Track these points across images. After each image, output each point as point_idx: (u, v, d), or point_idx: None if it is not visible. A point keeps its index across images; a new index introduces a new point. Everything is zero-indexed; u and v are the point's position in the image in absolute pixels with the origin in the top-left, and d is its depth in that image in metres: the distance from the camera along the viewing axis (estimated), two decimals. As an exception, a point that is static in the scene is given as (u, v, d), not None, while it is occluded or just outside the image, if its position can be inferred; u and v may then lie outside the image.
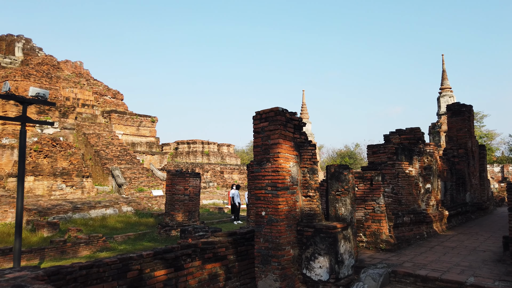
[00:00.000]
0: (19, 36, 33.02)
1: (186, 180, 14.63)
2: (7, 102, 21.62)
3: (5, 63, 30.81)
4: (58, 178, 19.66)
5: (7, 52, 32.11)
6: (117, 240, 13.31)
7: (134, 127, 31.50)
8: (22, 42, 32.27)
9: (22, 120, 7.14)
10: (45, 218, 15.66)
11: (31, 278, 3.94)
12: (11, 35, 33.09)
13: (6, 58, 30.65)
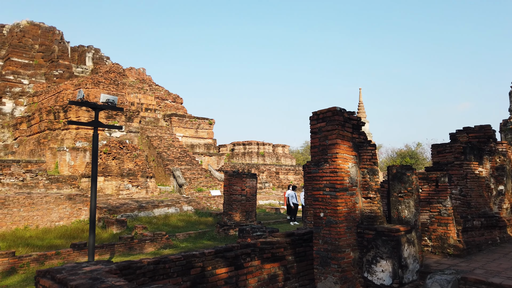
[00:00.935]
0: (89, 47, 35.67)
1: (243, 180, 14.88)
2: (80, 108, 23.49)
3: (77, 72, 33.48)
4: (125, 178, 20.97)
5: (79, 62, 34.86)
6: (179, 238, 13.89)
7: (192, 130, 32.68)
8: (92, 52, 34.83)
9: (95, 125, 7.72)
10: (114, 216, 16.78)
11: (105, 272, 4.25)
12: (82, 46, 35.87)
13: (79, 67, 33.28)
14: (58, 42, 34.00)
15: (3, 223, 14.95)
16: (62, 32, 35.04)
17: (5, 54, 32.50)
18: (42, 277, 4.42)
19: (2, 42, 33.37)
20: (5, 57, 32.09)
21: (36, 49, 33.60)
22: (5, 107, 30.18)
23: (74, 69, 33.89)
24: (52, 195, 16.88)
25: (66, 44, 34.67)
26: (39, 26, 34.42)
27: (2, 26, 34.04)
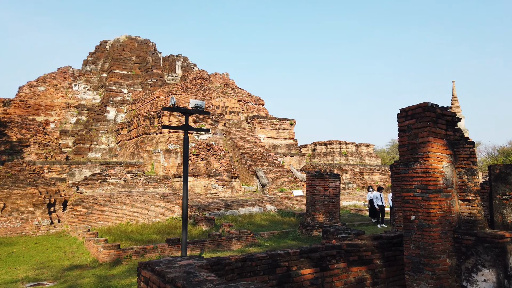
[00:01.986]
0: (178, 56, 38.26)
1: (326, 181, 14.66)
2: (171, 113, 25.32)
3: (168, 80, 36.13)
4: (212, 178, 22.06)
5: (169, 70, 37.60)
6: (263, 237, 14.19)
7: (274, 130, 33.14)
8: (180, 60, 37.32)
9: (185, 128, 8.28)
10: (203, 213, 17.76)
11: (198, 266, 4.53)
12: (172, 55, 38.60)
13: (169, 75, 35.90)
14: (151, 53, 37.12)
15: (109, 218, 16.77)
16: (155, 44, 38.18)
17: (108, 67, 36.45)
18: (143, 269, 4.87)
19: (106, 57, 37.47)
20: (108, 70, 35.98)
21: (133, 60, 37.10)
22: (109, 115, 33.83)
23: (165, 77, 36.69)
24: (149, 193, 18.47)
25: (159, 55, 37.69)
26: (135, 39, 37.95)
27: (105, 42, 38.24)
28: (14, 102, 30.58)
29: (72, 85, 34.39)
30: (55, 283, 8.49)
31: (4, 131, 21.67)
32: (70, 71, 34.79)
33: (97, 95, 35.39)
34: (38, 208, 15.61)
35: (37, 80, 32.93)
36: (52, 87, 33.16)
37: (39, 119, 30.47)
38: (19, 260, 10.77)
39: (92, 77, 36.08)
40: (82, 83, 35.06)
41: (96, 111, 33.16)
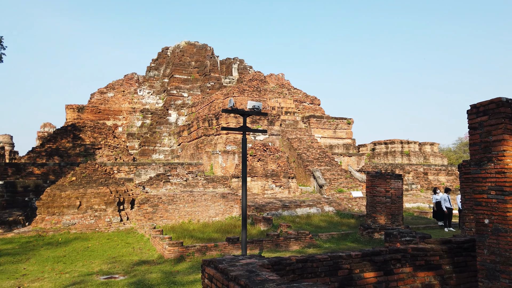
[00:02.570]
0: (235, 59, 39.06)
1: (387, 181, 14.12)
2: (229, 115, 25.91)
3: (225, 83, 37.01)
4: (269, 178, 22.22)
5: (226, 73, 38.51)
6: (322, 238, 14.01)
7: (331, 130, 32.57)
8: (237, 63, 38.07)
9: (243, 130, 8.46)
10: (261, 213, 17.95)
11: (259, 266, 4.61)
12: (229, 58, 39.50)
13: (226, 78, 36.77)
14: (209, 57, 38.31)
15: (172, 216, 17.58)
16: (212, 48, 39.36)
17: (169, 72, 38.23)
18: (207, 266, 5.06)
19: (167, 62, 39.32)
20: (169, 75, 37.73)
21: (192, 65, 38.55)
22: (170, 118, 35.46)
23: (223, 80, 37.66)
24: (209, 193, 19.07)
25: (216, 58, 38.79)
26: (194, 45, 39.41)
27: (167, 48, 40.14)
28: (87, 108, 33.21)
29: (137, 90, 36.55)
30: (126, 277, 9.08)
31: (79, 135, 23.63)
32: (135, 78, 37.02)
33: (159, 100, 37.27)
34: (109, 206, 16.79)
35: (106, 87, 35.46)
36: (120, 93, 35.50)
37: (108, 123, 32.79)
38: (93, 254, 11.66)
39: (155, 83, 38.05)
40: (146, 89, 37.12)
41: (159, 115, 34.91)
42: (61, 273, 9.41)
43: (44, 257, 11.28)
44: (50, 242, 13.70)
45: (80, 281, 8.66)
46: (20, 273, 9.48)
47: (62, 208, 16.20)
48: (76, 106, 32.76)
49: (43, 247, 12.80)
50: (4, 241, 14.01)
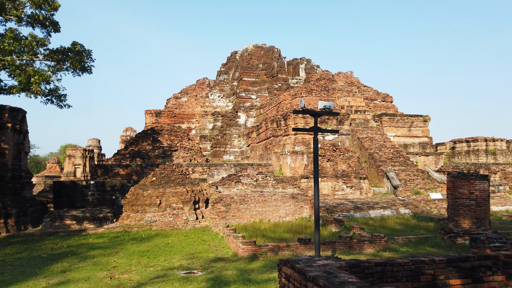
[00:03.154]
0: (302, 59, 38.92)
1: (471, 183, 13.07)
2: (297, 116, 25.91)
3: (293, 83, 37.04)
4: (339, 179, 21.79)
5: (293, 74, 38.52)
6: (398, 242, 13.41)
7: (405, 128, 30.97)
8: (304, 63, 37.90)
9: (315, 130, 8.44)
10: (332, 215, 17.69)
11: (336, 267, 4.59)
12: (296, 59, 39.47)
13: (294, 79, 36.78)
14: (276, 59, 38.64)
15: (244, 216, 18.05)
16: (279, 50, 39.67)
17: (238, 75, 39.28)
18: (284, 265, 5.16)
19: (236, 66, 40.44)
20: (238, 78, 38.76)
21: (260, 67, 39.20)
22: (240, 120, 36.41)
23: (290, 81, 37.76)
24: (278, 193, 19.25)
25: (283, 60, 39.01)
26: (261, 47, 40.05)
27: (235, 52, 41.31)
28: (163, 112, 35.42)
29: (208, 94, 38.13)
30: (204, 272, 9.56)
31: (158, 138, 25.31)
32: (206, 82, 38.65)
33: (229, 102, 38.46)
34: (186, 205, 17.75)
35: (181, 92, 37.50)
36: (193, 97, 37.32)
37: (183, 127, 34.64)
38: (173, 250, 12.42)
39: (224, 86, 39.37)
40: (217, 92, 38.55)
41: (229, 117, 36.04)
42: (146, 266, 10.18)
43: (130, 251, 12.29)
44: (135, 237, 14.87)
45: (163, 274, 9.30)
46: (111, 265, 10.44)
47: (144, 206, 17.49)
48: (154, 111, 35.13)
49: (129, 242, 13.94)
50: (96, 235, 15.52)
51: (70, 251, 12.44)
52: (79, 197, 20.21)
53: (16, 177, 17.28)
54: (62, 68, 18.21)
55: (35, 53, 17.37)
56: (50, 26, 16.25)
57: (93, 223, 17.09)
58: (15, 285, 8.51)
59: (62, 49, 17.10)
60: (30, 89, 16.57)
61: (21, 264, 10.65)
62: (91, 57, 18.26)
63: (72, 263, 10.72)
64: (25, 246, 13.45)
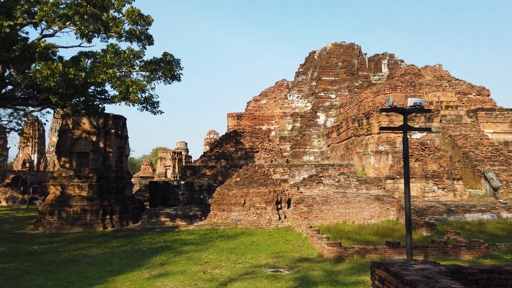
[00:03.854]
0: (384, 54, 37.27)
1: None
2: (380, 114, 24.88)
3: (374, 80, 35.64)
4: (429, 180, 20.42)
5: (375, 70, 37.04)
6: (501, 249, 12.16)
7: (505, 124, 27.87)
8: (386, 58, 36.24)
9: (404, 129, 8.09)
10: (422, 218, 16.67)
11: (436, 272, 4.39)
12: (377, 54, 37.92)
13: (375, 75, 35.37)
14: (356, 56, 37.52)
15: (326, 217, 17.88)
16: (359, 46, 38.46)
17: (316, 75, 38.94)
18: (377, 268, 5.07)
19: (314, 66, 40.16)
20: (317, 78, 38.42)
21: (339, 66, 38.42)
22: (319, 120, 36.07)
23: (371, 78, 36.38)
24: (362, 195, 18.69)
25: (364, 56, 37.74)
26: (340, 45, 39.23)
27: (313, 52, 41.04)
28: (244, 115, 36.59)
29: (287, 96, 38.43)
30: (290, 271, 9.71)
31: (240, 140, 26.23)
32: (285, 84, 39.01)
33: (308, 103, 38.32)
34: (268, 205, 18.15)
35: (260, 94, 38.37)
36: (272, 99, 37.95)
37: (263, 128, 35.39)
38: (259, 248, 12.80)
39: (303, 87, 39.33)
40: (295, 93, 38.68)
41: (308, 118, 35.91)
42: (235, 263, 10.66)
43: (219, 248, 12.96)
44: (222, 235, 15.62)
45: (251, 271, 9.66)
46: (203, 260, 11.13)
47: (230, 206, 18.28)
48: (236, 114, 36.47)
49: (217, 239, 14.69)
50: (187, 232, 16.63)
51: (166, 246, 13.52)
52: (171, 196, 21.84)
53: (119, 177, 19.26)
54: (155, 77, 19.77)
55: (132, 65, 19.13)
56: (145, 40, 17.80)
57: (184, 220, 18.33)
58: (122, 275, 9.53)
59: (155, 59, 18.61)
60: (129, 98, 18.22)
61: (126, 256, 11.87)
62: (180, 66, 19.58)
63: (169, 257, 11.65)
64: (128, 240, 14.95)
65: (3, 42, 10.99)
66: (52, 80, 11.68)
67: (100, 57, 18.50)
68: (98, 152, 18.48)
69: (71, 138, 18.50)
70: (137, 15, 16.76)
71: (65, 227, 17.29)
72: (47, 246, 13.65)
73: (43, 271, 9.96)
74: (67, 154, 18.47)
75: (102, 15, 14.24)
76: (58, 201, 17.82)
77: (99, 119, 18.53)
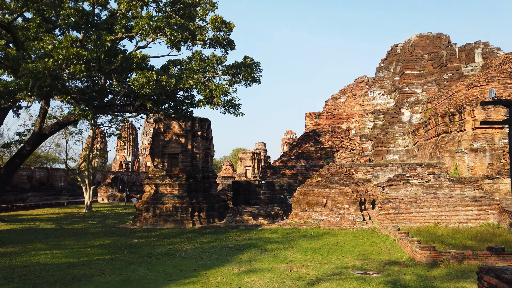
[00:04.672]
0: (477, 43, 34.02)
1: None
2: (475, 108, 22.75)
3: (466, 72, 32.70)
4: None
5: (467, 61, 33.98)
6: None
7: None
8: (480, 47, 33.04)
9: (509, 123, 7.32)
10: (530, 222, 14.86)
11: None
12: (469, 44, 34.76)
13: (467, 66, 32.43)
14: (445, 46, 34.75)
15: (415, 219, 16.86)
16: (448, 36, 35.55)
17: (400, 69, 36.90)
18: (485, 274, 4.68)
19: (397, 60, 38.11)
20: (400, 72, 36.40)
21: (425, 58, 35.94)
22: (403, 116, 34.12)
23: (462, 69, 33.42)
24: (456, 196, 17.26)
25: (453, 46, 34.82)
26: (426, 36, 36.67)
27: (396, 45, 38.98)
28: (322, 114, 36.11)
29: (367, 92, 37.04)
30: (380, 274, 9.36)
31: (319, 139, 25.95)
32: (365, 80, 37.64)
33: (391, 99, 36.50)
34: (351, 206, 17.68)
35: (339, 92, 37.54)
36: (351, 97, 36.89)
37: (342, 127, 34.56)
38: (344, 249, 12.54)
39: (385, 82, 37.56)
40: (376, 89, 37.10)
41: (390, 115, 34.20)
42: (321, 263, 10.58)
43: (303, 247, 12.97)
44: (305, 234, 15.61)
45: (338, 272, 9.51)
46: (288, 259, 11.24)
47: (311, 205, 18.19)
48: (314, 113, 36.15)
49: (300, 238, 14.71)
50: (270, 230, 16.92)
51: (251, 243, 13.91)
52: (252, 195, 22.42)
53: (205, 177, 20.32)
54: (236, 80, 20.40)
55: (215, 70, 20.02)
56: (227, 45, 18.52)
57: (266, 219, 18.68)
58: (213, 269, 10.05)
59: (236, 63, 19.25)
60: (213, 102, 19.05)
61: (215, 252, 12.48)
62: (260, 68, 19.99)
63: (255, 254, 11.98)
64: (215, 236, 15.70)
65: (107, 55, 12.30)
66: (147, 87, 12.76)
67: (185, 64, 19.70)
68: (187, 153, 19.69)
69: (163, 140, 19.99)
70: (220, 22, 17.52)
71: (159, 223, 18.72)
72: (145, 240, 14.93)
73: (144, 262, 10.92)
74: (160, 156, 19.99)
75: (189, 25, 15.16)
76: (152, 198, 19.38)
77: (187, 123, 19.73)
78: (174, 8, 15.42)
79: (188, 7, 15.98)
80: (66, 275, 9.30)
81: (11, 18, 12.45)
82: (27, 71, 9.26)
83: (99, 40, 11.60)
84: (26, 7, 12.11)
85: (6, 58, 9.86)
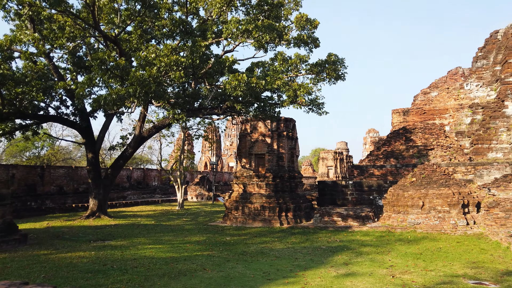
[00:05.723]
0: None
1: None
2: None
3: None
4: None
5: None
6: None
7: None
8: None
9: None
10: None
11: None
12: None
13: None
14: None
15: (532, 225, 14.84)
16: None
17: (502, 58, 33.05)
18: None
19: (498, 48, 34.23)
20: (502, 61, 32.58)
21: (532, 43, 31.63)
22: (507, 110, 30.47)
23: None
24: None
25: None
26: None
27: (496, 32, 35.04)
28: (411, 110, 33.86)
29: (463, 85, 33.87)
30: (498, 285, 8.38)
31: (410, 137, 24.33)
32: (460, 72, 34.46)
33: (491, 91, 32.92)
34: (452, 208, 16.23)
35: (429, 86, 34.88)
36: (444, 90, 34.03)
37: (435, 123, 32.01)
38: (449, 256, 11.51)
39: (483, 73, 33.99)
40: (474, 81, 33.74)
41: (492, 108, 30.80)
42: (426, 270, 9.82)
43: (401, 252, 12.19)
44: (400, 238, 14.69)
45: (448, 281, 8.72)
46: (387, 263, 10.64)
47: (406, 207, 17.09)
48: (401, 110, 34.06)
49: (396, 242, 13.88)
50: (361, 233, 16.27)
51: (344, 245, 13.48)
52: (339, 195, 21.83)
53: (291, 177, 20.30)
54: (320, 79, 20.00)
55: (298, 69, 19.86)
56: (311, 43, 18.28)
57: (356, 221, 18.01)
58: (310, 270, 9.89)
59: (320, 61, 18.87)
60: (297, 101, 18.91)
61: (308, 253, 12.32)
62: (344, 65, 19.36)
63: (350, 257, 11.57)
64: (304, 237, 15.54)
65: (201, 60, 12.90)
66: (239, 89, 13.09)
67: (268, 65, 19.84)
68: (273, 153, 19.85)
69: (250, 141, 20.41)
70: (304, 20, 17.34)
71: (248, 222, 19.14)
72: (237, 238, 15.34)
73: (240, 260, 11.18)
74: (247, 156, 20.44)
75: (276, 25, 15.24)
76: (241, 198, 19.89)
77: (272, 123, 19.90)
78: (261, 9, 15.62)
79: (274, 8, 16.09)
80: (172, 269, 9.89)
81: (117, 32, 13.68)
82: (135, 79, 10.10)
83: (194, 46, 12.20)
84: (130, 20, 13.21)
85: (116, 68, 10.88)
